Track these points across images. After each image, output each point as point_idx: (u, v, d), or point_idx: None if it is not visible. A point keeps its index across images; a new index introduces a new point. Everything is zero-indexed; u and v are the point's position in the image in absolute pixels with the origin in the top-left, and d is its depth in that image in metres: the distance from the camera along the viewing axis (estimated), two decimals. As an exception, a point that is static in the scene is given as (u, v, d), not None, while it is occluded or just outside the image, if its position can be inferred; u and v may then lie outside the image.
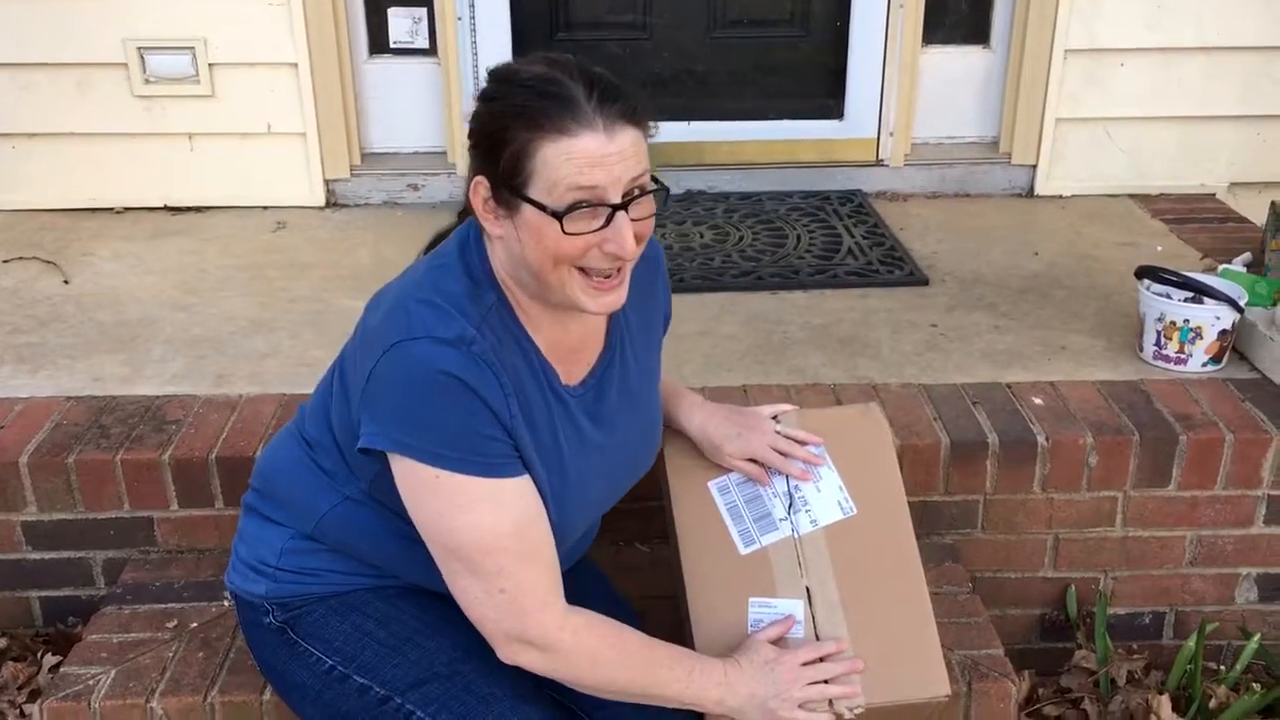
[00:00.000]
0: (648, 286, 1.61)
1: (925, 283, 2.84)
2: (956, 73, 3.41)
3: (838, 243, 3.07)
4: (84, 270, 2.91)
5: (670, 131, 3.46)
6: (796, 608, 1.65)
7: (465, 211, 1.51)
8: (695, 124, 3.42)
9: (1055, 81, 3.25)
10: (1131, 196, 3.37)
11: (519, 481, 1.41)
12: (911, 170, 3.42)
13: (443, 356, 1.34)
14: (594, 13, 3.38)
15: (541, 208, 1.33)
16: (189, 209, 3.28)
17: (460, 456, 1.37)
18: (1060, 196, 3.38)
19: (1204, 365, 2.36)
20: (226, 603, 2.03)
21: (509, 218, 1.37)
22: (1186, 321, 2.33)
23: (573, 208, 1.32)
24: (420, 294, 1.41)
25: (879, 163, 3.44)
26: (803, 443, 1.75)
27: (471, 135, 1.40)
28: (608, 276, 1.39)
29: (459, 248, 1.47)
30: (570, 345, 1.51)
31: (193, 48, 3.12)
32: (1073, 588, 2.26)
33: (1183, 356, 2.35)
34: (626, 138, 1.33)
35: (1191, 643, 2.17)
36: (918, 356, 2.46)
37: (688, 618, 1.68)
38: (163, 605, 2.05)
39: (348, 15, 3.21)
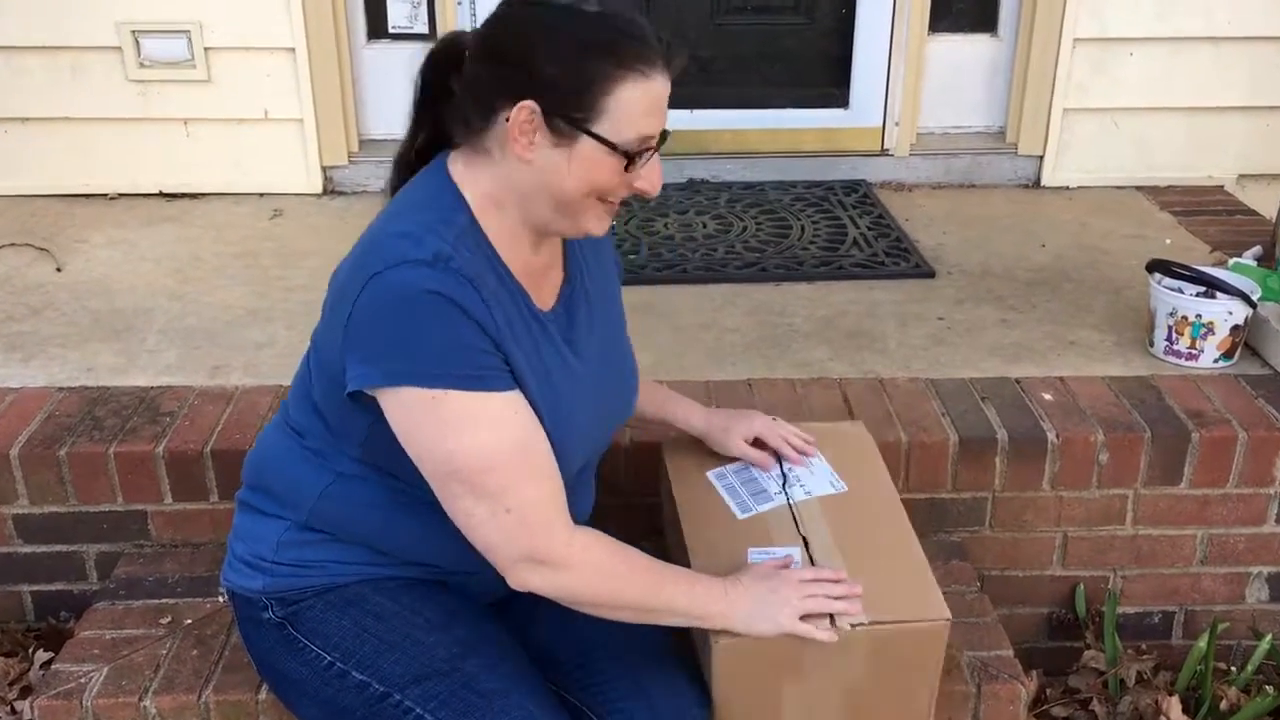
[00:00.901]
0: (592, 246, 1.64)
1: (931, 275, 2.80)
2: (963, 61, 3.37)
3: (842, 233, 3.03)
4: (77, 257, 2.86)
5: (673, 120, 3.38)
6: (794, 551, 1.67)
7: (406, 161, 1.51)
8: (698, 112, 3.37)
9: (1063, 71, 3.21)
10: (1139, 188, 3.33)
11: (514, 396, 1.39)
12: (917, 160, 3.38)
13: (422, 277, 1.33)
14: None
15: (611, 146, 1.36)
16: (184, 195, 3.23)
17: (454, 373, 1.35)
18: (1067, 188, 3.34)
19: (1216, 361, 2.32)
20: (221, 599, 1.99)
21: (557, 146, 1.37)
22: (1199, 316, 2.29)
23: (641, 151, 1.38)
24: (389, 228, 1.41)
25: (884, 152, 3.40)
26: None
27: (509, 53, 1.37)
28: (616, 203, 1.45)
29: (424, 184, 1.46)
30: (538, 268, 1.51)
31: (188, 31, 3.07)
32: (1081, 586, 2.23)
33: (1194, 352, 2.32)
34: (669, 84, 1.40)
35: (1203, 643, 2.14)
36: (925, 350, 2.43)
37: None
38: (156, 601, 2.01)
39: (346, 0, 3.16)
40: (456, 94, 1.43)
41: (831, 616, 1.55)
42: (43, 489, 2.09)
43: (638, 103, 1.35)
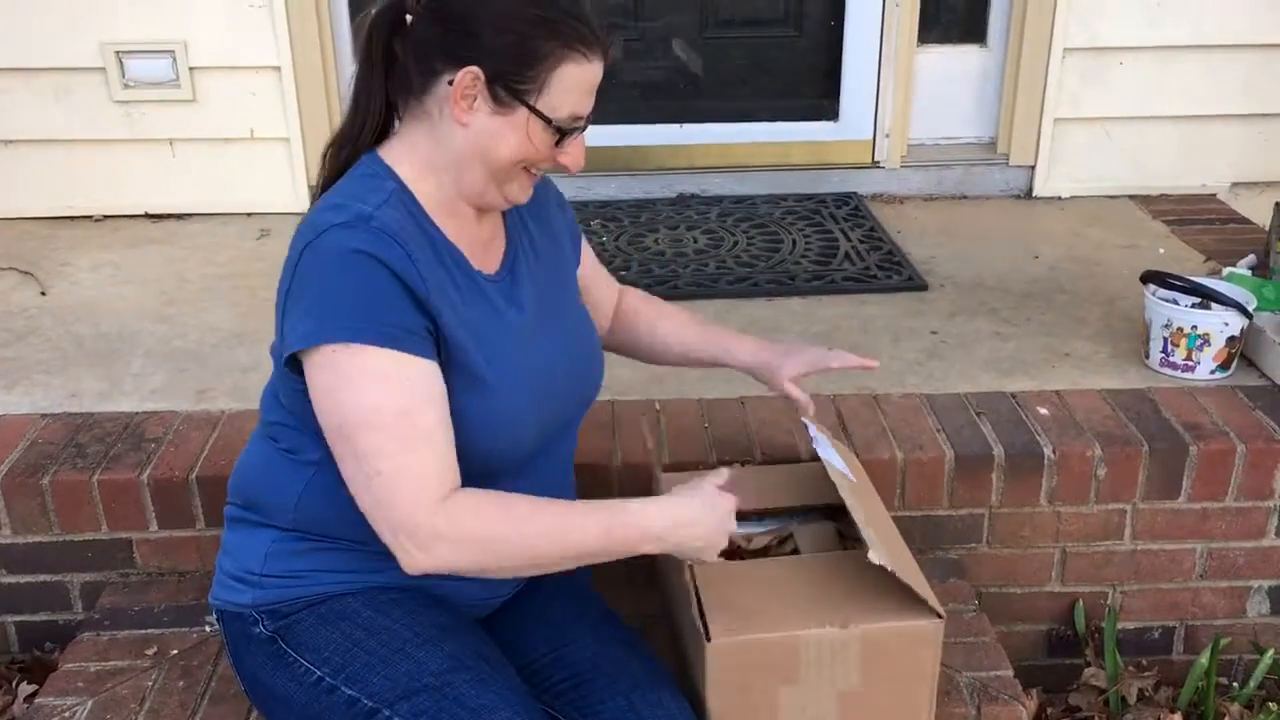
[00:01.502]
0: (538, 193, 1.65)
1: (924, 288, 2.78)
2: (953, 72, 3.35)
3: (834, 247, 3.01)
4: (62, 281, 2.83)
5: (662, 134, 3.43)
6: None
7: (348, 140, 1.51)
8: (687, 126, 3.36)
9: (1054, 81, 3.19)
10: (1132, 197, 3.31)
11: (422, 363, 1.39)
12: (908, 172, 3.36)
13: (346, 237, 1.36)
14: (583, 13, 3.31)
15: (546, 120, 1.43)
16: (170, 216, 3.20)
17: (361, 328, 1.35)
18: (1059, 198, 3.32)
19: (1212, 373, 2.30)
20: (209, 629, 1.96)
21: (495, 114, 1.42)
22: (1194, 328, 2.27)
23: (572, 128, 1.45)
24: (319, 206, 1.44)
25: (875, 164, 3.38)
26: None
27: (457, 19, 1.41)
28: (538, 174, 1.53)
29: (351, 173, 1.49)
30: (479, 237, 1.54)
31: (173, 51, 3.04)
32: (1080, 602, 2.21)
33: (1190, 364, 2.30)
34: None
35: (1204, 659, 2.12)
36: (919, 365, 2.40)
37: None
38: (142, 631, 1.98)
39: (331, 17, 3.14)
40: (400, 57, 1.45)
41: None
42: (26, 518, 2.05)
43: (576, 82, 1.42)
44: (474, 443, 1.44)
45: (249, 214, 3.21)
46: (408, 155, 1.48)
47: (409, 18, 1.43)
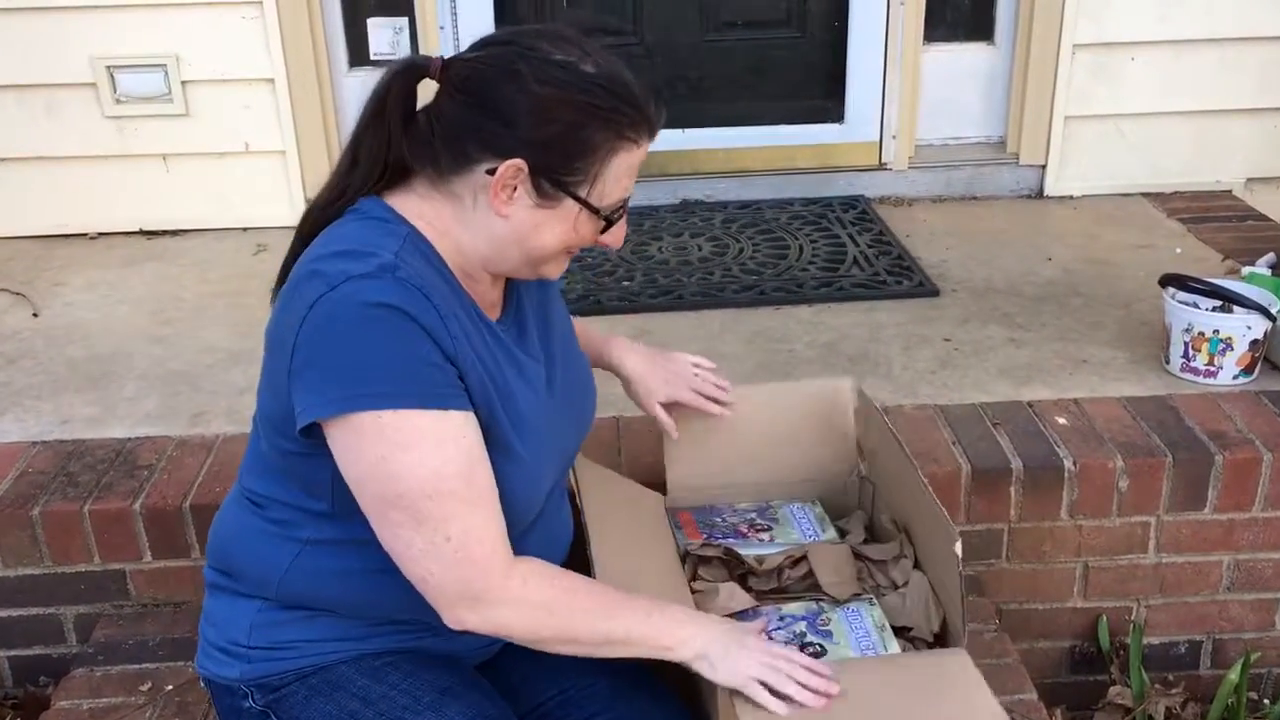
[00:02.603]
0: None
1: (936, 293, 2.71)
2: (960, 71, 3.29)
3: (842, 252, 2.95)
4: (54, 301, 2.78)
5: (664, 140, 3.32)
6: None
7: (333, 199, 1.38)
8: (690, 131, 3.29)
9: (1063, 78, 3.13)
10: (1145, 195, 3.25)
11: (464, 416, 1.30)
12: (915, 173, 3.30)
13: (370, 289, 1.25)
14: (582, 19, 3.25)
15: (594, 210, 1.35)
16: (164, 232, 3.15)
17: (402, 390, 1.26)
18: (1071, 197, 3.25)
19: (1235, 378, 2.23)
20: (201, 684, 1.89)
21: (540, 207, 1.34)
22: (1216, 332, 2.20)
23: (617, 213, 1.38)
24: (325, 251, 1.31)
25: (882, 166, 3.31)
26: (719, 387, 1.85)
27: (493, 106, 1.30)
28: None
29: (350, 218, 1.36)
30: (480, 281, 1.44)
31: (165, 65, 2.99)
32: (1104, 618, 2.14)
33: (1213, 369, 2.23)
34: None
35: (1234, 675, 2.05)
36: (932, 374, 2.34)
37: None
38: (136, 666, 1.92)
39: (325, 28, 3.08)
40: (422, 125, 1.35)
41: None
42: (16, 550, 2.00)
43: (625, 170, 1.35)
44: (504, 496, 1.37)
45: (245, 229, 3.16)
46: (426, 215, 1.36)
47: (439, 85, 1.34)
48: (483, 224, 1.35)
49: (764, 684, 1.36)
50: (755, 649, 1.40)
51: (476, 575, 1.31)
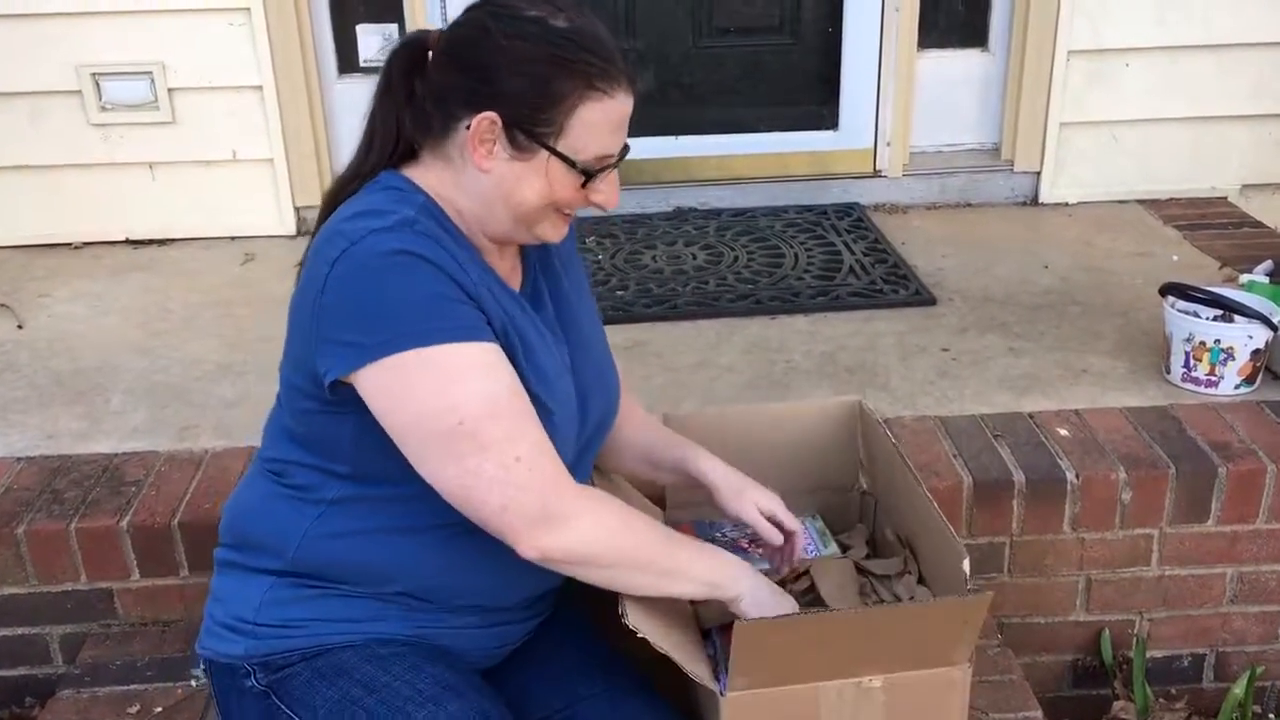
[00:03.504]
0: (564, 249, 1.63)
1: (932, 302, 2.69)
2: (954, 77, 3.27)
3: (838, 261, 2.92)
4: (39, 313, 2.74)
5: (657, 147, 3.34)
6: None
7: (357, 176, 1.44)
8: (683, 139, 3.27)
9: (1058, 84, 3.11)
10: (1140, 202, 3.23)
11: (496, 348, 1.35)
12: (910, 180, 3.28)
13: (390, 239, 1.31)
14: (574, 24, 3.22)
15: (570, 163, 1.36)
16: (151, 242, 3.11)
17: (440, 326, 1.30)
18: (1066, 204, 3.24)
19: (1236, 387, 2.21)
20: (194, 682, 1.86)
21: (515, 159, 1.36)
22: (1217, 341, 2.18)
23: (599, 169, 1.37)
24: (344, 215, 1.37)
25: (876, 174, 3.29)
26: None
27: (474, 64, 1.35)
28: (572, 213, 1.45)
29: (369, 189, 1.42)
30: (502, 261, 1.49)
31: (150, 72, 2.95)
32: (1106, 631, 2.12)
33: (1214, 379, 2.21)
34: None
35: (1239, 689, 2.03)
36: (931, 385, 2.31)
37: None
38: (124, 687, 1.88)
39: (314, 34, 3.05)
40: (418, 96, 1.41)
41: None
42: (0, 569, 1.95)
43: (599, 123, 1.35)
44: None
45: (233, 238, 3.12)
46: (433, 185, 1.41)
47: (430, 54, 1.40)
48: (472, 183, 1.39)
49: None
50: (784, 596, 1.48)
51: (552, 490, 1.33)
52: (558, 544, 1.33)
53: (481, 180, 1.38)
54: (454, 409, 1.29)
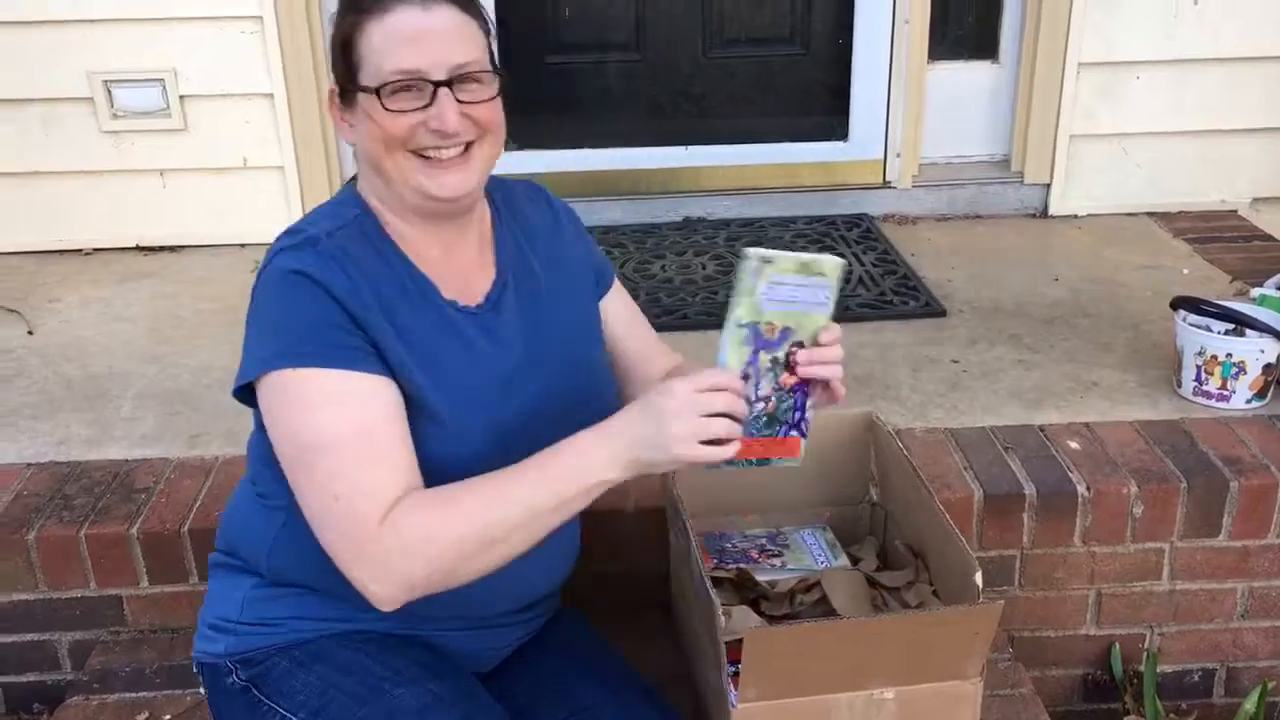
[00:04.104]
0: (548, 223, 1.60)
1: (943, 314, 2.69)
2: (964, 89, 3.27)
3: (847, 272, 2.92)
4: (50, 319, 2.74)
5: (667, 156, 3.35)
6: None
7: None
8: (693, 148, 3.27)
9: (1068, 96, 3.11)
10: (1150, 215, 3.23)
11: (371, 379, 1.33)
12: (920, 192, 3.27)
13: (287, 259, 1.34)
14: (585, 34, 3.23)
15: (368, 89, 1.36)
16: (162, 249, 3.11)
17: (306, 350, 1.31)
18: (1075, 216, 3.23)
19: (1248, 402, 2.21)
20: (202, 690, 1.86)
21: (354, 118, 1.40)
22: (1229, 356, 2.18)
23: (394, 86, 1.35)
24: (280, 236, 1.42)
25: (886, 184, 3.29)
26: None
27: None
28: (446, 160, 1.39)
29: (337, 192, 1.50)
30: (455, 267, 1.47)
31: (162, 80, 2.96)
32: (1117, 645, 2.11)
33: (1225, 393, 2.20)
34: (444, 14, 1.36)
35: (1250, 704, 2.02)
36: (941, 397, 2.31)
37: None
38: (133, 694, 1.88)
39: (325, 42, 3.04)
40: None
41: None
42: (10, 575, 1.96)
43: (381, 42, 1.35)
44: (432, 476, 1.35)
45: (243, 245, 3.12)
46: (363, 184, 1.45)
47: None
48: (361, 166, 1.43)
49: (708, 441, 1.29)
50: (677, 414, 1.28)
51: (359, 532, 1.27)
52: (386, 591, 1.29)
53: (360, 165, 1.43)
54: (296, 435, 1.31)
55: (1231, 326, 2.23)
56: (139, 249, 3.11)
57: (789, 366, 1.38)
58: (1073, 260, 2.97)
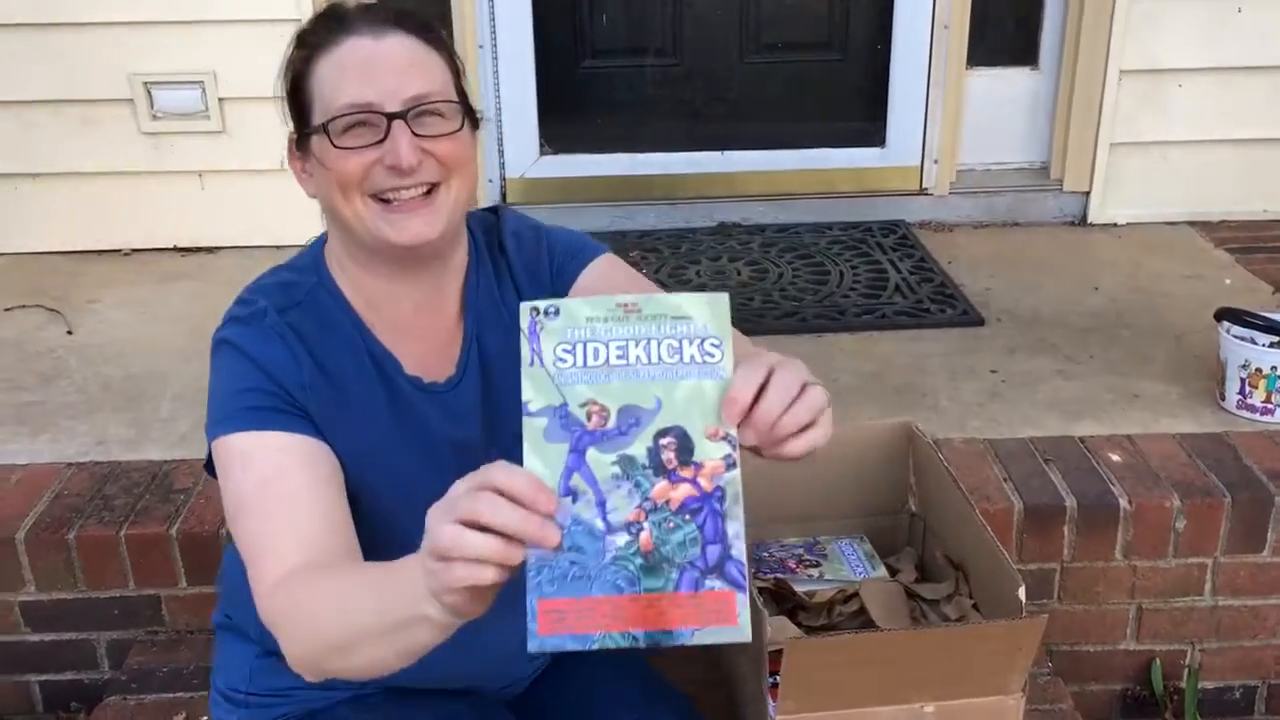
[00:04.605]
0: (531, 271, 1.40)
1: (980, 323, 2.66)
2: (1003, 95, 3.25)
3: (884, 279, 2.90)
4: (89, 319, 2.76)
5: (702, 161, 3.34)
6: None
7: None
8: (729, 153, 3.26)
9: (1109, 104, 3.08)
10: (1191, 224, 3.19)
11: (288, 437, 1.22)
12: (957, 199, 3.25)
13: (228, 330, 1.28)
14: (620, 39, 3.23)
15: (319, 130, 1.24)
16: (200, 250, 3.13)
17: (225, 417, 1.23)
18: (1115, 225, 3.20)
19: (1293, 415, 2.18)
20: None
21: (309, 165, 1.28)
22: (1274, 369, 2.15)
23: (344, 122, 1.22)
24: (251, 283, 1.35)
25: (922, 191, 3.27)
26: None
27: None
28: (407, 201, 1.25)
29: (307, 247, 1.39)
30: (425, 330, 1.34)
31: (202, 82, 2.97)
32: (1157, 661, 2.08)
33: (1270, 406, 2.18)
34: (397, 43, 1.25)
35: (1293, 724, 1.99)
36: (980, 407, 2.29)
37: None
38: (171, 695, 1.89)
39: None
40: None
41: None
42: (51, 575, 1.97)
43: (330, 73, 1.23)
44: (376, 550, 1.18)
45: (279, 247, 3.13)
46: (331, 239, 1.35)
47: None
48: (327, 220, 1.33)
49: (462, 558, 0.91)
50: (434, 519, 0.92)
51: (260, 591, 1.16)
52: (291, 660, 1.14)
53: (322, 209, 1.31)
54: (226, 501, 1.23)
55: (1276, 339, 2.20)
56: (176, 250, 3.13)
57: (663, 469, 0.93)
58: (1112, 269, 2.94)
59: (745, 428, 0.98)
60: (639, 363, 0.94)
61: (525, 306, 0.95)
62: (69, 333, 2.69)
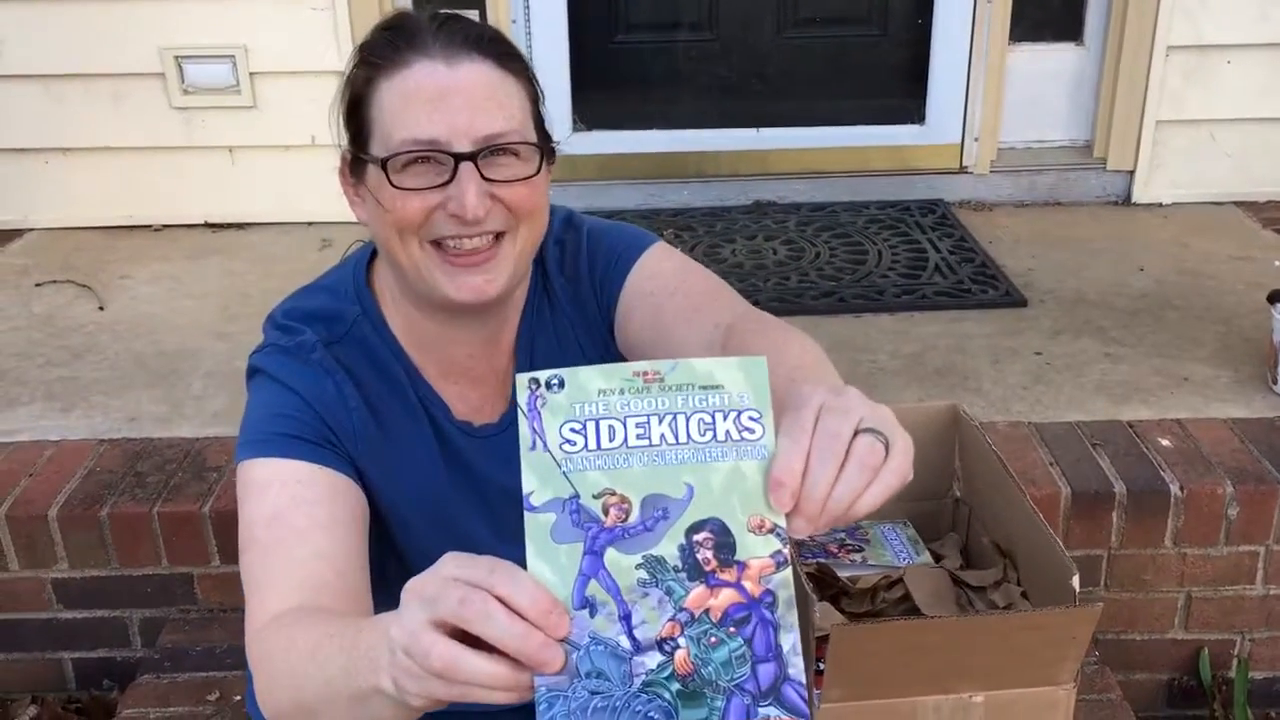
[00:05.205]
0: (577, 312, 1.28)
1: (1023, 303, 2.61)
2: (1047, 72, 3.17)
3: (923, 259, 2.85)
4: (120, 295, 2.74)
5: (737, 139, 3.29)
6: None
7: None
8: (764, 130, 3.21)
9: (1155, 80, 3.01)
10: (1238, 204, 3.12)
11: (308, 467, 1.13)
12: (998, 177, 3.19)
13: (271, 362, 1.19)
14: (656, 13, 3.18)
15: (379, 161, 1.12)
16: (230, 225, 3.11)
17: (256, 439, 1.15)
18: (1160, 204, 3.13)
19: (1349, 400, 2.12)
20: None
21: (364, 189, 1.17)
22: (1330, 352, 2.09)
23: (405, 159, 1.10)
24: (275, 316, 1.25)
25: (963, 170, 3.21)
26: None
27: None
28: (468, 252, 1.13)
29: (345, 263, 1.29)
30: (464, 369, 1.26)
31: (233, 56, 2.94)
32: (1206, 651, 2.04)
33: (1325, 391, 2.12)
34: (473, 71, 1.11)
35: (1346, 717, 1.94)
36: (1024, 390, 2.24)
37: None
38: (204, 674, 1.88)
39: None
40: None
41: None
42: (83, 552, 1.96)
43: (394, 101, 1.11)
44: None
45: (309, 223, 3.11)
46: (381, 267, 1.24)
47: None
48: (379, 246, 1.21)
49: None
50: (404, 607, 0.79)
51: (249, 629, 1.06)
52: (259, 701, 1.03)
53: (374, 236, 1.20)
54: (239, 526, 1.14)
55: (1332, 322, 2.14)
56: (207, 226, 3.11)
57: (700, 571, 0.76)
58: (1158, 250, 2.88)
59: (793, 515, 0.79)
60: (664, 442, 0.77)
61: (522, 378, 0.79)
62: (100, 308, 2.67)
